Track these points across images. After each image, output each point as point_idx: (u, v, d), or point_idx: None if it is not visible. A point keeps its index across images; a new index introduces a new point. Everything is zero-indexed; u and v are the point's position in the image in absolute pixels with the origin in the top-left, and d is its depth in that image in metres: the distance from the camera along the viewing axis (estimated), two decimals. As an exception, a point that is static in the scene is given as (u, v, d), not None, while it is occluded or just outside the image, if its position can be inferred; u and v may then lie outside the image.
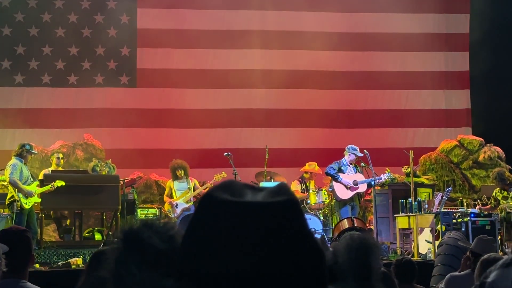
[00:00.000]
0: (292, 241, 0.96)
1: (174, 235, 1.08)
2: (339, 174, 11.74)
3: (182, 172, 12.31)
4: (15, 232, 3.65)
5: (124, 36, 15.62)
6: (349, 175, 11.78)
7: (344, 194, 11.69)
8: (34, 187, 10.44)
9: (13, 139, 14.90)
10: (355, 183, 11.65)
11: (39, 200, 10.49)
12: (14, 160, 10.44)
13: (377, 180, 11.80)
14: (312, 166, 12.80)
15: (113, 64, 15.54)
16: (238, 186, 1.03)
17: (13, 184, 10.19)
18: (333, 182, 11.79)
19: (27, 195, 10.23)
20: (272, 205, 0.97)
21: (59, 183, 10.81)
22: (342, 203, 11.75)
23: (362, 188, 11.79)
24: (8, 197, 10.43)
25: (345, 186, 11.67)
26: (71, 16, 15.41)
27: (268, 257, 0.94)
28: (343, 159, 11.98)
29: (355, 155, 11.89)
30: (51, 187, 10.65)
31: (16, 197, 10.17)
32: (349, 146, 12.10)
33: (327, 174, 11.99)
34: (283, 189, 1.02)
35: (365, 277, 1.04)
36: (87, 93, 15.39)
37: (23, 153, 10.47)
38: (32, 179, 10.57)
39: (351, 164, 11.92)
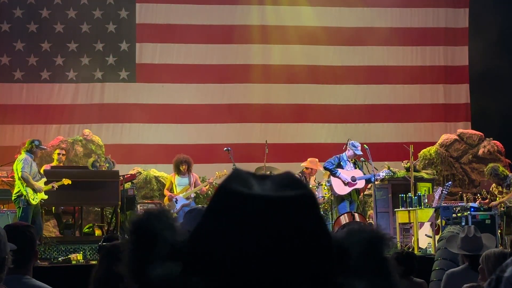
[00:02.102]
0: (306, 239, 0.94)
1: (175, 225, 1.06)
2: (338, 169, 11.69)
3: (186, 167, 12.14)
4: (19, 228, 3.65)
5: (123, 31, 15.61)
6: (348, 171, 11.72)
7: (341, 189, 11.63)
8: (41, 184, 10.43)
9: (12, 135, 14.91)
10: (353, 179, 11.60)
11: (46, 197, 10.47)
12: (24, 155, 10.40)
13: (376, 177, 11.75)
14: (313, 163, 12.76)
15: (112, 59, 15.53)
16: (245, 177, 1.00)
17: (25, 179, 10.14)
18: (331, 177, 11.75)
19: (37, 190, 10.20)
20: (290, 199, 0.94)
21: (66, 181, 10.80)
22: (340, 198, 11.71)
23: (360, 184, 11.72)
24: (15, 191, 10.38)
25: (342, 181, 11.60)
26: (69, 12, 15.39)
27: (282, 254, 0.92)
28: (343, 154, 11.89)
29: (354, 152, 11.79)
30: (51, 187, 10.62)
31: (24, 192, 10.12)
32: (351, 141, 11.94)
33: (325, 168, 11.94)
34: (295, 181, 0.99)
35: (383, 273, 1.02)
36: (86, 89, 15.39)
37: (33, 149, 10.44)
38: (39, 176, 10.55)
39: (350, 160, 11.87)
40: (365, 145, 11.92)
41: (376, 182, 11.94)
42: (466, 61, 16.66)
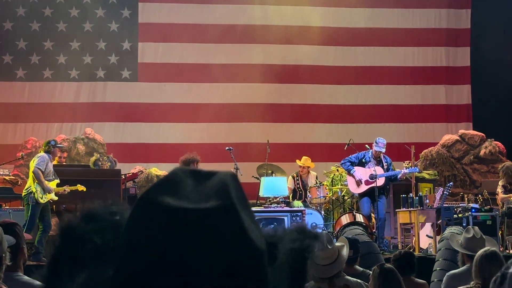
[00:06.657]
0: (227, 247, 0.94)
1: (119, 221, 1.01)
2: (353, 167, 11.53)
3: (196, 166, 12.00)
4: (5, 226, 3.66)
5: (126, 30, 15.63)
6: (366, 169, 11.46)
7: (355, 188, 11.50)
8: (54, 185, 10.40)
9: (14, 133, 14.94)
10: (372, 177, 11.36)
11: (56, 198, 10.43)
12: (43, 153, 10.37)
13: (397, 173, 11.49)
14: (304, 160, 12.66)
15: (114, 58, 15.55)
16: (178, 180, 0.98)
17: (36, 175, 10.08)
18: (347, 175, 11.67)
19: (46, 190, 10.16)
20: (207, 211, 0.94)
21: (80, 187, 10.80)
22: (362, 194, 11.50)
23: (380, 182, 11.35)
24: (25, 187, 10.35)
25: (356, 180, 11.41)
26: (72, 11, 15.41)
27: (204, 265, 0.93)
28: (371, 150, 11.65)
29: (374, 148, 11.47)
30: (64, 190, 10.59)
31: (34, 190, 10.08)
32: (376, 138, 11.70)
33: (342, 166, 11.87)
34: (221, 189, 0.98)
35: None
36: (89, 88, 15.42)
37: (50, 149, 10.43)
38: (53, 176, 10.51)
39: (375, 157, 11.56)
40: (366, 145, 11.91)
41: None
42: (468, 61, 16.67)
